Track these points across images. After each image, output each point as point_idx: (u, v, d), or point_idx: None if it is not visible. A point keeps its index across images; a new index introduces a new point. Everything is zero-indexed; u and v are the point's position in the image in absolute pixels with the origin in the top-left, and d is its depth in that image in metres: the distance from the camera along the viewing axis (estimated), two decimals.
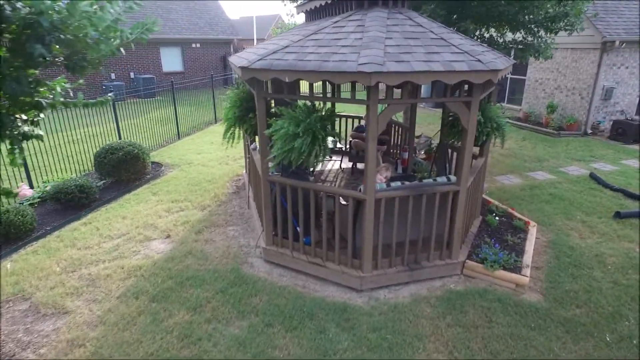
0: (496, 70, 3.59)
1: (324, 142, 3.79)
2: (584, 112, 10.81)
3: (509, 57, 8.35)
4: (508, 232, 5.21)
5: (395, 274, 4.30)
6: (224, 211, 6.25)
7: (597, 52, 10.17)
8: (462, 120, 3.94)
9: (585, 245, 5.13)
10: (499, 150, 9.43)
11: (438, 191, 4.14)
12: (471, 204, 4.87)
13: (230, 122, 5.02)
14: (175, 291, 4.27)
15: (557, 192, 6.83)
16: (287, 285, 4.36)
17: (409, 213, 4.14)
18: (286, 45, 4.09)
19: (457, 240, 4.41)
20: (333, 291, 4.27)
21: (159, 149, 10.27)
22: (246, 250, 5.11)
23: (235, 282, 4.41)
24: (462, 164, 4.09)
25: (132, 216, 6.12)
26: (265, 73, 3.85)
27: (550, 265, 4.71)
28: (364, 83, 3.38)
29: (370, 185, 3.86)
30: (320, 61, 3.58)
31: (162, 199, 6.79)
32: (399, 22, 4.09)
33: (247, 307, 4.02)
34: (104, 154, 7.37)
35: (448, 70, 3.47)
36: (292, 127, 3.72)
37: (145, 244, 5.28)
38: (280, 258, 4.70)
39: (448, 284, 4.38)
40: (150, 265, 4.77)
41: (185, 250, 5.08)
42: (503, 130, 4.57)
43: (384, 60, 3.39)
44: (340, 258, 4.37)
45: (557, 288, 4.28)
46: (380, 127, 3.71)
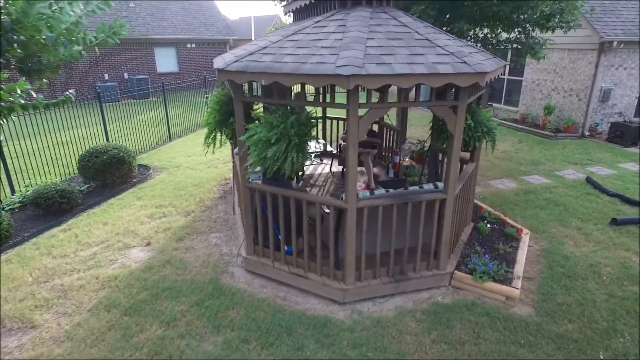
0: (483, 73, 3.39)
1: (301, 148, 3.59)
2: (581, 114, 10.61)
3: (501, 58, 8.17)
4: (500, 240, 5.01)
5: (380, 286, 4.10)
6: (208, 217, 6.06)
7: (594, 52, 9.98)
8: (449, 126, 3.75)
9: (579, 254, 4.94)
10: (494, 153, 9.24)
11: (424, 199, 3.95)
12: (461, 211, 4.68)
13: (211, 126, 4.83)
14: (149, 303, 4.07)
15: (553, 197, 6.63)
16: (267, 297, 4.17)
17: (394, 222, 3.94)
18: (264, 47, 3.90)
19: (445, 250, 4.22)
20: (315, 304, 4.08)
21: (149, 151, 10.10)
22: (227, 259, 4.92)
23: (213, 294, 4.21)
24: (449, 172, 3.90)
25: (114, 222, 5.93)
26: (241, 75, 3.66)
27: (543, 275, 4.52)
28: (342, 86, 3.19)
29: (351, 193, 3.67)
30: (297, 63, 3.39)
31: (146, 204, 6.60)
32: (382, 21, 3.90)
33: (223, 321, 3.82)
34: (88, 157, 7.18)
35: (431, 72, 3.27)
36: (264, 133, 3.53)
37: (123, 252, 5.09)
38: (262, 268, 4.51)
39: (435, 295, 4.18)
40: (126, 275, 4.58)
41: (164, 259, 4.89)
42: (494, 134, 4.38)
43: (363, 62, 3.20)
44: (322, 269, 4.18)
45: (549, 301, 4.09)
46: (362, 133, 3.52)
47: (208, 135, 4.90)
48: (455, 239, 4.72)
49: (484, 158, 8.78)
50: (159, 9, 19.65)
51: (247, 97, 3.96)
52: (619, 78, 10.35)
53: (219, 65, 3.85)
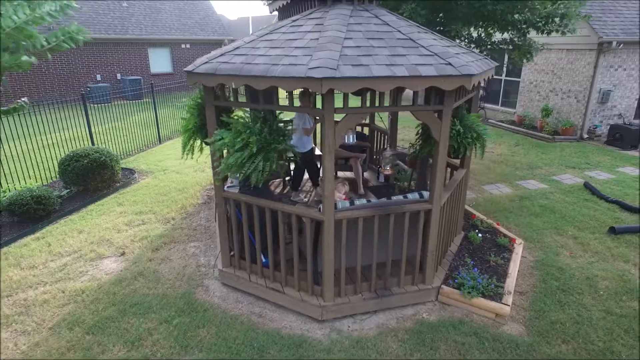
0: (469, 76, 3.14)
1: (269, 156, 3.34)
2: (579, 115, 10.35)
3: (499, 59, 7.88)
4: (491, 251, 4.76)
5: (361, 302, 3.85)
6: (189, 225, 5.80)
7: (593, 53, 9.71)
8: (433, 132, 3.49)
9: (575, 266, 4.68)
10: (489, 156, 8.98)
11: (407, 210, 3.69)
12: (449, 221, 4.42)
13: (189, 133, 4.54)
14: (115, 321, 3.82)
15: (549, 204, 6.37)
16: (241, 314, 3.91)
17: (375, 234, 3.69)
18: (237, 47, 3.65)
19: (431, 264, 3.96)
20: (291, 321, 3.82)
21: (137, 153, 9.85)
22: (204, 271, 4.66)
23: (184, 310, 3.96)
24: (434, 180, 3.64)
25: (90, 230, 5.67)
26: (210, 78, 3.41)
27: (536, 290, 4.26)
28: (315, 90, 2.93)
29: (328, 204, 3.41)
30: (268, 65, 3.14)
31: (127, 210, 6.35)
32: (363, 20, 3.64)
33: (192, 341, 3.57)
34: (68, 161, 6.92)
35: (413, 75, 3.02)
36: (229, 139, 3.28)
37: (95, 263, 4.84)
38: (238, 282, 4.25)
39: (421, 312, 3.92)
40: (94, 288, 4.32)
41: (137, 271, 4.64)
42: (483, 140, 4.12)
43: (337, 64, 2.94)
44: (300, 284, 3.92)
45: (542, 318, 3.83)
46: (338, 139, 3.26)
47: (186, 143, 4.60)
48: (444, 250, 4.47)
49: (479, 162, 8.52)
50: (153, 9, 19.40)
51: (220, 101, 3.71)
52: (619, 79, 10.08)
53: (188, 67, 3.60)
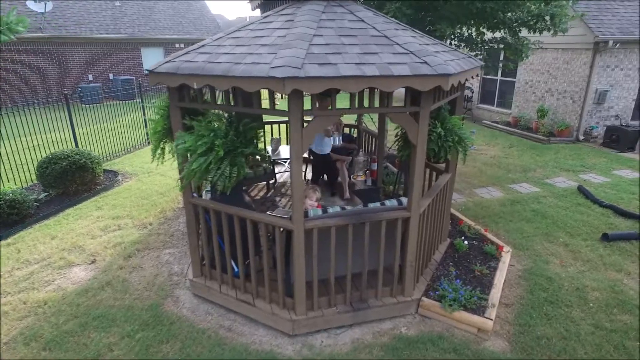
0: (446, 75, 2.92)
1: (236, 161, 3.13)
2: (575, 116, 10.12)
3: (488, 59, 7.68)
4: (477, 259, 4.54)
5: (336, 316, 3.63)
6: (166, 230, 5.59)
7: (589, 52, 9.49)
8: (410, 135, 3.28)
9: (565, 276, 4.46)
10: (482, 159, 8.77)
11: (384, 218, 3.47)
12: (432, 228, 4.21)
13: (158, 136, 4.32)
14: (75, 335, 3.61)
15: (540, 209, 6.15)
16: (209, 328, 3.70)
17: (349, 244, 3.47)
18: (203, 45, 3.44)
19: (410, 275, 3.74)
20: (262, 335, 3.61)
21: (124, 155, 9.65)
22: (176, 280, 4.45)
23: (149, 323, 3.74)
24: (412, 187, 3.42)
25: (63, 236, 5.46)
26: (172, 78, 3.20)
27: (523, 301, 4.04)
28: (278, 90, 2.72)
29: (297, 213, 3.20)
30: (231, 64, 2.93)
31: (104, 214, 6.13)
32: (337, 16, 3.43)
33: (153, 357, 3.35)
34: (47, 163, 6.71)
35: (384, 75, 2.80)
36: (191, 142, 3.07)
37: (63, 272, 4.62)
38: (208, 293, 4.04)
39: (399, 326, 3.71)
40: (58, 299, 4.11)
41: (106, 280, 4.42)
42: (465, 144, 3.90)
43: (302, 63, 2.73)
44: (272, 296, 3.70)
45: (528, 333, 3.61)
46: (306, 144, 3.04)
47: (156, 147, 4.38)
48: (426, 259, 4.25)
49: (471, 164, 8.31)
50: (146, 8, 19.20)
51: (185, 102, 3.49)
52: (615, 79, 9.86)
53: (150, 67, 3.38)
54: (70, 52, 16.39)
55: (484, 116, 12.99)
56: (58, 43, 15.94)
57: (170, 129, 4.18)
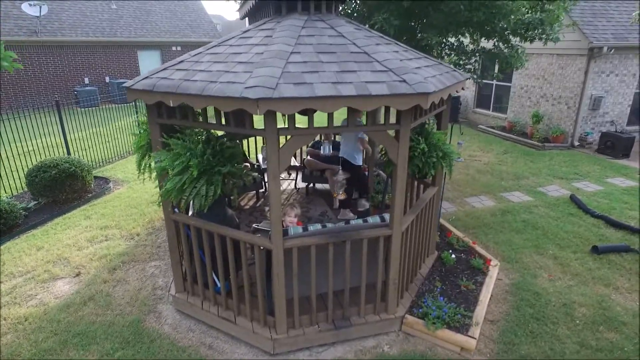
0: (425, 94, 2.87)
1: (213, 180, 3.09)
2: (570, 122, 10.07)
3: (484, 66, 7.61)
4: (464, 274, 4.49)
5: (317, 334, 3.58)
6: (153, 242, 5.55)
7: (584, 58, 9.44)
8: (390, 154, 3.23)
9: (553, 290, 4.41)
10: (476, 166, 8.72)
11: (365, 236, 3.43)
12: (417, 244, 4.16)
13: (142, 150, 4.26)
14: (53, 353, 3.57)
15: (531, 219, 6.10)
16: (190, 346, 3.65)
17: (330, 262, 3.43)
18: (181, 61, 3.40)
19: (393, 292, 3.69)
20: (243, 353, 3.57)
21: (117, 161, 9.62)
22: (160, 294, 4.41)
23: (130, 341, 3.70)
24: (394, 205, 3.38)
25: (49, 247, 5.42)
26: (149, 95, 3.16)
27: (509, 318, 3.99)
28: (252, 111, 2.67)
29: (276, 232, 3.16)
30: (206, 82, 2.89)
31: (92, 224, 6.10)
32: (317, 31, 3.38)
33: None
34: (36, 172, 6.67)
35: (362, 94, 2.76)
36: (167, 162, 3.03)
37: (47, 285, 4.59)
38: (191, 309, 4.00)
39: (382, 344, 3.66)
40: (39, 315, 4.07)
41: (89, 294, 4.38)
42: (450, 159, 3.85)
43: (277, 83, 2.68)
44: (253, 313, 3.66)
45: (511, 352, 3.56)
46: (283, 164, 3.00)
47: (141, 161, 4.32)
48: (412, 274, 4.20)
49: (464, 172, 8.26)
50: (143, 10, 19.17)
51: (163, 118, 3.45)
52: (610, 85, 9.81)
53: (128, 83, 3.35)
54: (66, 55, 16.36)
55: (480, 121, 12.94)
56: (54, 46, 15.91)
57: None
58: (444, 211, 6.34)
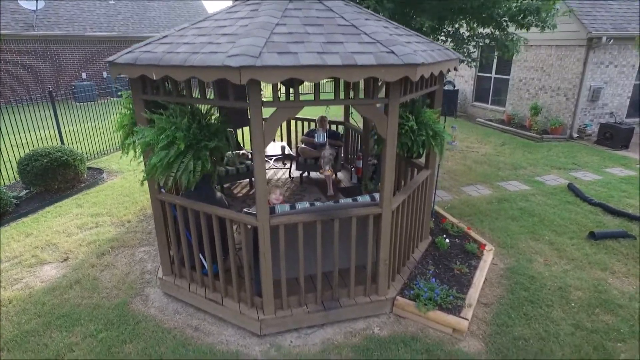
0: (413, 65, 2.79)
1: (200, 155, 3.01)
2: (569, 114, 9.98)
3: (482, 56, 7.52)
4: (458, 257, 4.41)
5: (306, 315, 3.51)
6: (144, 228, 5.48)
7: (582, 49, 9.34)
8: (379, 129, 3.15)
9: (548, 275, 4.33)
10: (473, 156, 8.64)
11: (354, 215, 3.35)
12: (409, 226, 4.08)
13: (125, 129, 4.20)
14: (36, 335, 3.49)
15: (528, 207, 6.02)
16: (175, 327, 3.58)
17: (318, 241, 3.35)
18: (165, 35, 3.32)
19: (384, 273, 3.62)
20: (230, 335, 3.49)
21: (112, 153, 9.54)
22: (148, 278, 4.34)
23: (114, 323, 3.63)
24: (383, 182, 3.30)
25: (38, 234, 5.35)
26: (131, 69, 3.09)
27: (503, 301, 3.91)
28: (234, 80, 2.60)
29: (261, 209, 3.08)
30: (189, 53, 2.81)
31: (83, 212, 6.03)
32: (304, 5, 3.31)
33: (114, 357, 3.24)
34: (27, 160, 6.60)
35: (347, 64, 2.68)
36: (151, 137, 2.96)
37: (33, 270, 4.52)
38: (178, 291, 3.93)
39: (372, 326, 3.58)
40: (24, 298, 4.00)
41: (75, 278, 4.31)
42: (441, 138, 3.77)
43: (260, 52, 2.61)
44: (240, 295, 3.59)
45: (505, 334, 3.48)
46: (268, 137, 2.93)
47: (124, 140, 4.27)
48: (404, 258, 4.12)
49: (460, 162, 8.18)
50: (141, 6, 19.10)
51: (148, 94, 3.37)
52: (610, 76, 9.71)
53: (111, 57, 3.27)
54: (63, 50, 16.30)
55: (478, 114, 12.85)
56: (51, 41, 15.85)
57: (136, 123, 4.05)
58: (439, 199, 6.26)
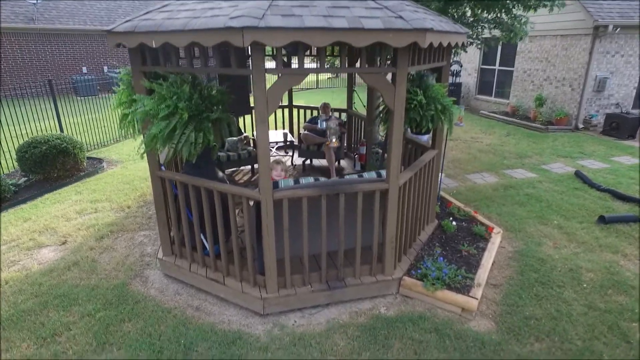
0: (422, 30, 2.69)
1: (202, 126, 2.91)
2: (574, 105, 9.85)
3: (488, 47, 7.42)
4: (465, 240, 4.30)
5: (310, 294, 3.40)
6: (144, 213, 5.38)
7: (588, 38, 9.22)
8: (386, 99, 3.05)
9: (558, 257, 4.22)
10: (477, 146, 8.53)
11: (360, 190, 3.24)
12: (416, 205, 3.98)
13: (124, 106, 4.11)
14: (33, 314, 3.40)
15: (535, 193, 5.90)
16: (176, 307, 3.48)
17: (323, 217, 3.24)
18: (165, 5, 3.23)
19: (391, 252, 3.51)
20: (232, 315, 3.39)
21: (112, 144, 9.46)
22: (147, 261, 4.24)
23: (113, 302, 3.53)
24: (390, 156, 3.19)
25: (36, 218, 5.26)
26: (130, 37, 2.99)
27: (512, 282, 3.80)
28: (236, 43, 2.49)
29: (264, 182, 2.98)
30: (189, 18, 2.71)
31: (83, 198, 5.93)
32: None
33: (112, 336, 3.14)
34: (26, 147, 6.51)
35: (354, 27, 2.57)
36: (151, 106, 2.86)
37: (31, 252, 4.42)
38: (179, 272, 3.83)
39: (379, 306, 3.48)
40: (21, 279, 3.91)
41: (73, 260, 4.21)
42: (450, 113, 3.66)
43: (264, 14, 2.50)
44: (242, 274, 3.49)
45: (515, 313, 3.37)
46: (272, 106, 2.82)
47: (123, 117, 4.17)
48: (410, 239, 4.02)
49: (465, 151, 8.07)
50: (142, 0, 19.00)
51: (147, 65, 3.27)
52: (616, 66, 9.58)
53: (109, 26, 3.17)
54: (63, 44, 16.22)
55: (482, 107, 12.73)
56: (51, 35, 15.77)
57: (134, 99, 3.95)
58: (444, 186, 6.15)
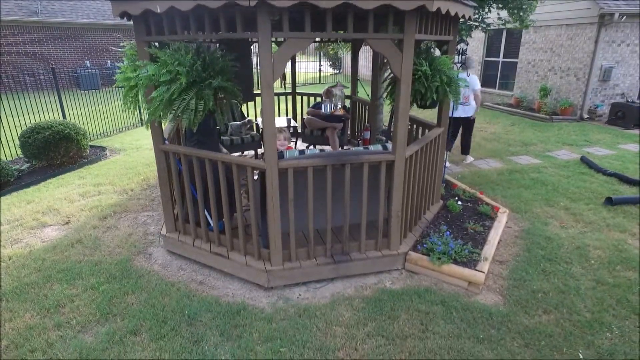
0: None
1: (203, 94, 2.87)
2: (579, 95, 9.78)
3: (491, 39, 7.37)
4: (472, 219, 4.26)
5: (315, 268, 3.37)
6: (147, 196, 5.35)
7: (594, 27, 9.15)
8: (393, 67, 3.01)
9: (565, 236, 4.17)
10: (482, 134, 8.47)
11: (366, 161, 3.20)
12: (422, 181, 3.93)
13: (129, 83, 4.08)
14: (36, 287, 3.37)
15: (540, 177, 5.85)
16: (179, 281, 3.45)
17: (328, 189, 3.21)
18: None
19: (396, 226, 3.47)
20: (236, 289, 3.36)
21: (115, 134, 9.45)
22: (151, 239, 4.21)
23: (116, 277, 3.51)
24: (397, 126, 3.15)
25: (40, 201, 5.24)
26: (135, 3, 2.95)
27: (519, 259, 3.76)
28: (242, 2, 2.46)
29: (269, 150, 2.94)
30: None
31: (86, 182, 5.91)
32: None
33: (116, 308, 3.11)
34: (29, 133, 6.50)
35: None
36: (152, 70, 2.82)
37: (35, 231, 4.40)
38: (182, 248, 3.80)
39: (384, 280, 3.44)
40: (24, 255, 3.89)
41: (76, 238, 4.19)
42: (456, 85, 3.62)
43: None
44: (247, 247, 3.45)
45: (522, 287, 3.33)
46: (277, 71, 2.79)
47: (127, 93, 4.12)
48: (416, 215, 3.98)
49: None
50: None
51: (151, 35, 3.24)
52: (621, 55, 9.51)
53: None
54: (67, 37, 16.23)
55: (486, 99, 12.65)
56: (54, 28, 15.78)
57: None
58: (449, 171, 6.11)
